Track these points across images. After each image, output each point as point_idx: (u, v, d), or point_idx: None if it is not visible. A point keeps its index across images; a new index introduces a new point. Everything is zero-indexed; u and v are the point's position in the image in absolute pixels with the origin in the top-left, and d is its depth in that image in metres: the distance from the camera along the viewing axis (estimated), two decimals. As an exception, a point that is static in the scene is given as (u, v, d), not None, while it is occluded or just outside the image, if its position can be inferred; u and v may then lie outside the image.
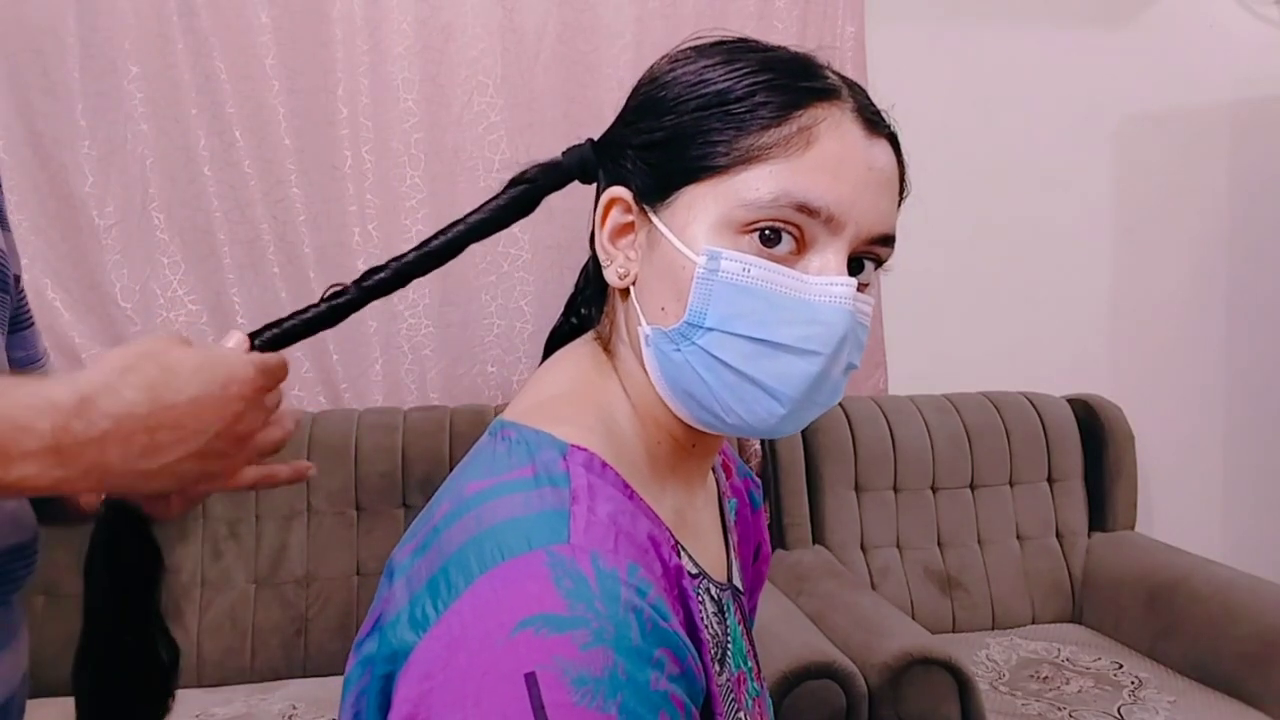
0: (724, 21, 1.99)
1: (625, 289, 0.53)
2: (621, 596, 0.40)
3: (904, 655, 1.41)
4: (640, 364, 0.53)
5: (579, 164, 0.56)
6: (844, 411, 1.98)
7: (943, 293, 2.23)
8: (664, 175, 0.50)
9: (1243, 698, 1.60)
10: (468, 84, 1.91)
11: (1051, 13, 2.28)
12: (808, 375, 0.48)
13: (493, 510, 0.44)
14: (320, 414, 1.82)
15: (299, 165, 1.85)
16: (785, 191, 0.47)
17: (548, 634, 0.38)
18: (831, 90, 0.49)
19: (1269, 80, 2.39)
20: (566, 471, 0.46)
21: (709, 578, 0.55)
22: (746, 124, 0.48)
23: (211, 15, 1.79)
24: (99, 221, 1.79)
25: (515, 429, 0.50)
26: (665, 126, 0.50)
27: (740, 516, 0.70)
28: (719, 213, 0.48)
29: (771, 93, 0.48)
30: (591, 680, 0.37)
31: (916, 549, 1.96)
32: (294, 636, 1.69)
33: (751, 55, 0.50)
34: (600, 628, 0.38)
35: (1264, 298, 2.44)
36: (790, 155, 0.47)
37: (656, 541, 0.47)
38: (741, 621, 0.60)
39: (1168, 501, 2.37)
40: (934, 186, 2.51)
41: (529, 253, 1.94)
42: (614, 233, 0.53)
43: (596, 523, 0.43)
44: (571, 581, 0.40)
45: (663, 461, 0.54)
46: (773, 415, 0.49)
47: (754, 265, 0.47)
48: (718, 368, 0.48)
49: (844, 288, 0.48)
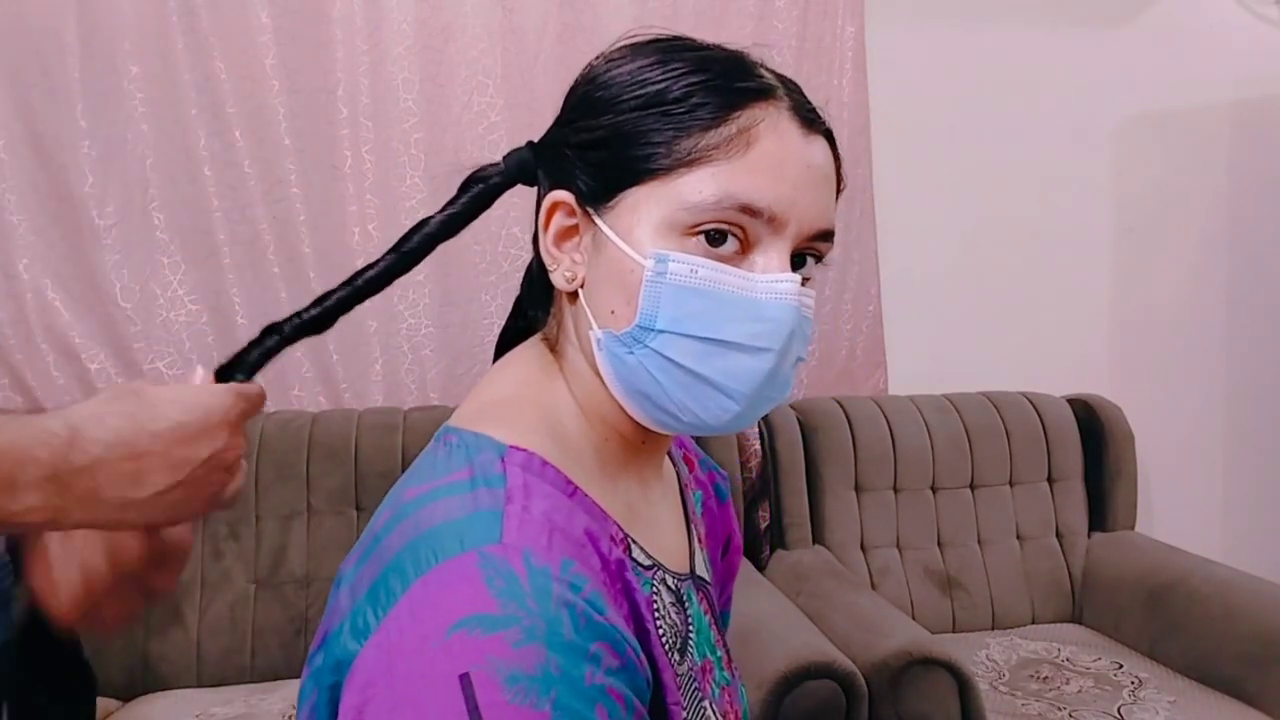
0: (724, 22, 2.00)
1: (573, 292, 0.53)
2: (554, 592, 0.40)
3: (904, 655, 1.41)
4: (589, 365, 0.53)
5: (518, 167, 0.56)
6: (844, 411, 1.98)
7: (943, 293, 2.23)
8: (606, 177, 0.50)
9: (1243, 698, 1.60)
10: (468, 84, 1.91)
11: (1051, 13, 2.28)
12: (759, 371, 0.49)
13: (429, 514, 0.45)
14: (320, 414, 1.82)
15: (299, 165, 1.85)
16: (728, 194, 0.47)
17: (481, 634, 0.38)
18: (768, 89, 0.50)
19: (1269, 80, 2.39)
20: (503, 472, 0.47)
21: (665, 568, 0.55)
22: (686, 125, 0.48)
23: (211, 15, 1.79)
24: (99, 221, 1.79)
25: (457, 434, 0.51)
26: (604, 126, 0.50)
27: (706, 509, 0.70)
28: (663, 215, 0.48)
29: (709, 94, 0.48)
30: (525, 678, 0.37)
31: (916, 549, 1.96)
32: (294, 636, 1.69)
33: (687, 54, 0.51)
34: (532, 625, 0.39)
35: (1264, 298, 2.43)
36: (731, 157, 0.48)
37: (595, 537, 0.48)
38: (709, 611, 0.60)
39: (1168, 501, 2.37)
40: (934, 186, 2.51)
41: (529, 253, 1.94)
42: (558, 236, 0.54)
43: (530, 521, 0.44)
44: (503, 580, 0.40)
45: (612, 458, 0.55)
46: (726, 412, 0.50)
47: (701, 266, 0.48)
48: (670, 368, 0.49)
49: (789, 284, 0.49)
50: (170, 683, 1.63)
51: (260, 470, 1.72)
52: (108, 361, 1.82)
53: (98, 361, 1.81)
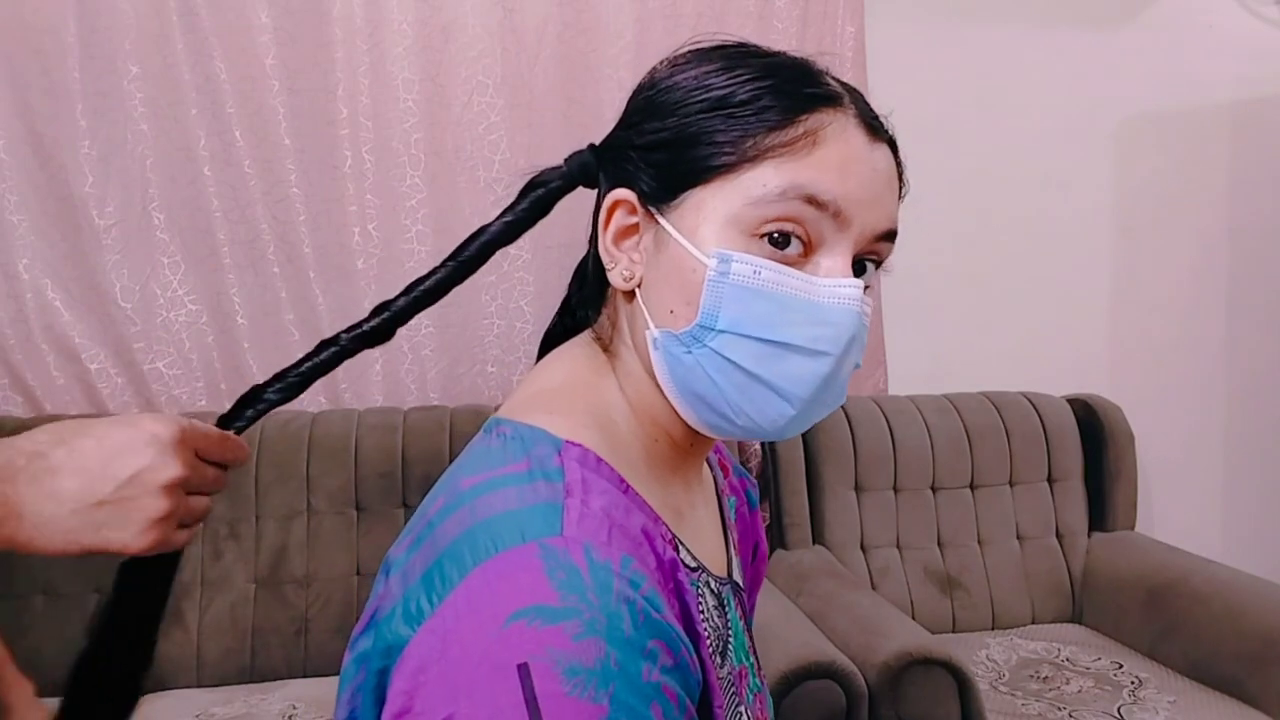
0: (724, 21, 2.00)
1: (630, 291, 0.53)
2: (614, 588, 0.40)
3: (904, 655, 1.41)
4: (642, 365, 0.53)
5: (580, 169, 0.56)
6: (844, 411, 1.98)
7: (943, 293, 2.23)
8: (670, 177, 0.50)
9: (1243, 698, 1.60)
10: (468, 84, 1.91)
11: (1051, 13, 2.28)
12: (818, 376, 0.48)
13: (487, 504, 0.44)
14: (320, 414, 1.82)
15: (299, 165, 1.85)
16: (794, 184, 0.47)
17: (540, 625, 0.38)
18: (835, 97, 0.50)
19: (1269, 80, 2.39)
20: (561, 466, 0.46)
21: (708, 571, 0.55)
22: (752, 126, 0.48)
23: (211, 15, 1.79)
24: (99, 221, 1.79)
25: (510, 425, 0.50)
26: (669, 128, 0.50)
27: (739, 515, 0.70)
28: (727, 213, 0.48)
29: (776, 97, 0.48)
30: (584, 671, 0.37)
31: (916, 549, 1.96)
32: (294, 636, 1.69)
33: (753, 60, 0.51)
34: (593, 619, 0.38)
35: (1264, 297, 2.44)
36: (797, 154, 0.48)
37: (650, 535, 0.47)
38: (743, 617, 0.60)
39: (1168, 501, 2.37)
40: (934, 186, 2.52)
41: (529, 253, 1.94)
42: (617, 235, 0.53)
43: (590, 515, 0.44)
44: (564, 573, 0.40)
45: (660, 459, 0.55)
46: (782, 416, 0.49)
47: (764, 268, 0.47)
48: (728, 369, 0.48)
49: (852, 289, 0.48)
50: (170, 683, 1.63)
51: (260, 470, 1.72)
52: (108, 361, 1.82)
53: (98, 361, 1.81)
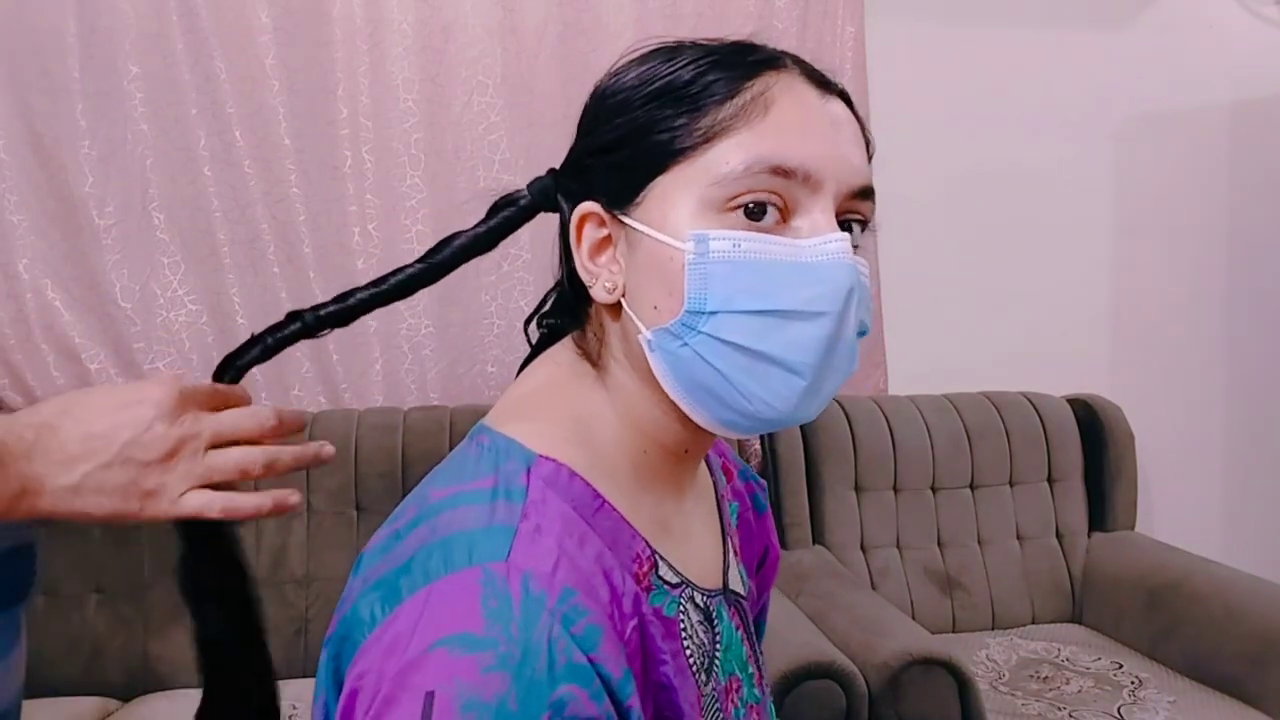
0: (724, 21, 2.00)
1: (615, 305, 0.51)
2: (540, 622, 0.40)
3: (904, 655, 1.41)
4: (635, 378, 0.52)
5: (540, 193, 0.55)
6: (844, 411, 1.98)
7: (943, 293, 2.23)
8: (630, 174, 0.49)
9: (1243, 698, 1.60)
10: (468, 84, 1.91)
11: (1051, 13, 2.28)
12: (821, 338, 0.47)
13: (448, 521, 0.45)
14: (320, 414, 1.82)
15: (299, 165, 1.85)
16: (756, 158, 0.46)
17: (460, 654, 0.38)
18: (776, 57, 0.50)
19: (1269, 80, 2.39)
20: (525, 485, 0.46)
21: (693, 585, 0.54)
22: (701, 103, 0.48)
23: (211, 15, 1.79)
24: (99, 221, 1.79)
25: (489, 434, 0.51)
26: (621, 125, 0.50)
27: (742, 520, 0.69)
28: (695, 196, 0.47)
29: (719, 70, 0.48)
30: (480, 705, 0.37)
31: (916, 549, 1.96)
32: (294, 636, 1.69)
33: (691, 48, 0.51)
34: (508, 652, 0.38)
35: (1264, 298, 2.43)
36: (751, 123, 0.47)
37: (608, 569, 0.46)
38: (741, 626, 0.59)
39: (1168, 501, 2.37)
40: (934, 186, 2.51)
41: (529, 252, 1.94)
42: (592, 250, 0.52)
43: (539, 543, 0.44)
44: (496, 601, 0.40)
45: (648, 470, 0.54)
46: (794, 391, 0.47)
47: (744, 240, 0.46)
48: (728, 352, 0.46)
49: (839, 243, 0.47)
50: (170, 683, 1.63)
51: (260, 470, 1.72)
52: (108, 361, 1.82)
53: (98, 361, 1.81)
